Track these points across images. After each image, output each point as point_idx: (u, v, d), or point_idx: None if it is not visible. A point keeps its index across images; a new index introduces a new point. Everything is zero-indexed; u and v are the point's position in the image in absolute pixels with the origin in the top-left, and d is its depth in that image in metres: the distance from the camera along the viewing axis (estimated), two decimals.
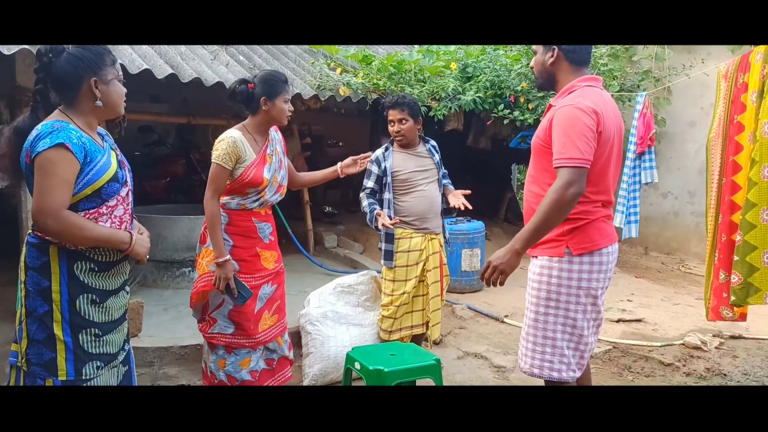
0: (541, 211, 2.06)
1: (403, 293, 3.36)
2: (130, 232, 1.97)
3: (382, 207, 3.32)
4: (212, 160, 2.62)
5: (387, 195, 3.34)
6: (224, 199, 2.69)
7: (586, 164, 2.06)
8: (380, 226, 3.22)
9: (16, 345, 1.93)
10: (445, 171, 3.55)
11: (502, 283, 2.13)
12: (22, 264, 1.92)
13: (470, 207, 3.25)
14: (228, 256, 2.60)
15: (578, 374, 2.28)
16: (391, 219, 3.19)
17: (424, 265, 3.36)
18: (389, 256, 3.36)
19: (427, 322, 3.46)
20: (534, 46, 2.39)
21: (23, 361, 1.89)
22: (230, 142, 2.59)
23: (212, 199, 2.61)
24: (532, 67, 2.44)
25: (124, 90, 1.99)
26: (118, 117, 2.01)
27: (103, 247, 1.92)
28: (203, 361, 2.89)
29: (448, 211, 3.47)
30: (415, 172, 3.34)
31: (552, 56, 2.28)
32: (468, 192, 3.32)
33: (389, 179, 3.32)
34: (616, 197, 4.99)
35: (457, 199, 3.27)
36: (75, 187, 1.83)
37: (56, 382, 1.86)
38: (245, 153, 2.62)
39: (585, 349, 2.28)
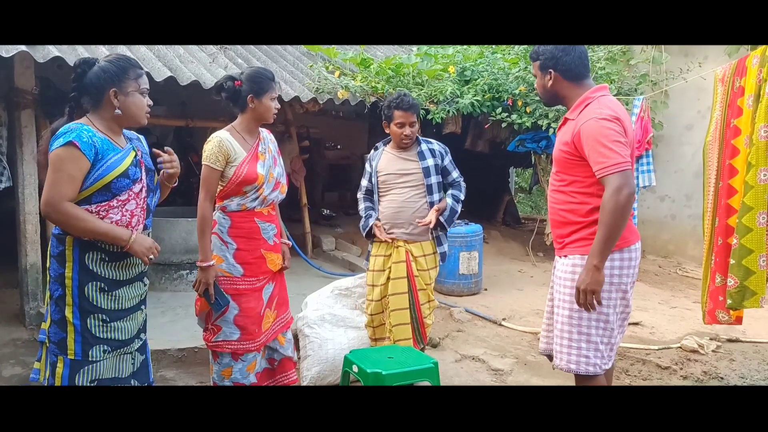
0: (604, 222, 2.16)
1: (372, 300, 3.29)
2: (132, 231, 2.09)
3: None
4: (202, 162, 2.64)
5: (375, 196, 3.32)
6: (224, 202, 2.68)
7: (629, 166, 2.17)
8: (375, 237, 3.23)
9: (45, 324, 2.14)
10: (456, 178, 3.31)
11: (599, 302, 2.22)
12: (48, 252, 2.13)
13: (430, 226, 3.13)
14: (212, 262, 2.60)
15: (609, 366, 2.40)
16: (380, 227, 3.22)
17: (389, 273, 3.22)
18: (368, 257, 3.36)
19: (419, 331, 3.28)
20: (533, 70, 2.49)
21: (47, 338, 2.11)
22: (216, 143, 2.61)
23: (205, 201, 2.62)
24: (536, 87, 2.53)
25: (146, 102, 2.16)
26: (139, 126, 2.18)
27: (102, 240, 2.06)
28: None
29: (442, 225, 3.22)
30: (392, 174, 3.24)
31: (550, 78, 2.39)
32: (438, 208, 3.15)
33: (375, 179, 3.30)
34: None
35: (431, 214, 3.14)
36: (87, 181, 2.01)
37: (66, 360, 2.06)
38: (234, 152, 2.62)
39: (615, 342, 2.40)
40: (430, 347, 3.98)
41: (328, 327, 3.47)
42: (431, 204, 3.20)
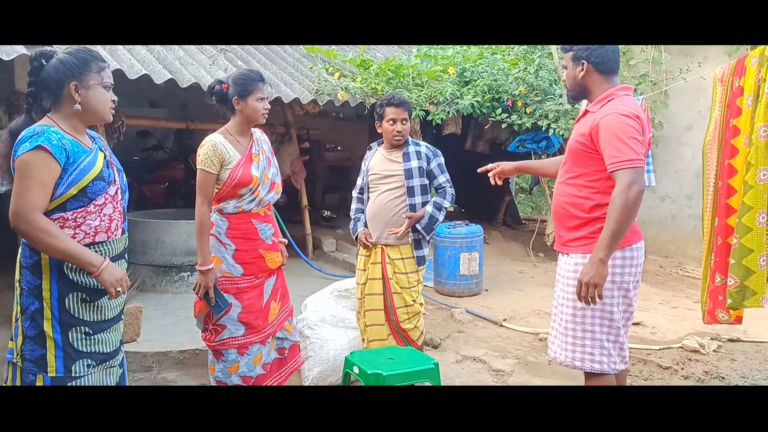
0: (612, 217, 2.15)
1: (357, 298, 3.32)
2: (105, 258, 1.94)
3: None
4: (197, 167, 2.65)
5: (365, 195, 3.34)
6: (221, 204, 2.70)
7: (641, 164, 2.17)
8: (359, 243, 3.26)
9: (13, 342, 1.97)
10: (442, 183, 3.23)
11: (600, 296, 2.20)
12: (17, 263, 1.96)
13: (397, 235, 3.11)
14: (211, 265, 2.62)
15: (621, 366, 2.39)
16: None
17: (368, 273, 3.23)
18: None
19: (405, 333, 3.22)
20: (563, 61, 2.49)
21: (18, 357, 1.93)
22: (210, 146, 2.62)
23: (202, 205, 2.63)
24: (564, 81, 2.53)
25: (109, 97, 2.01)
26: (103, 122, 2.06)
27: (70, 261, 1.89)
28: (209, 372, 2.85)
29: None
30: (377, 175, 3.23)
31: (582, 70, 2.38)
32: (411, 216, 3.10)
33: (366, 179, 3.31)
34: None
35: (404, 225, 3.11)
36: (60, 188, 1.87)
37: (46, 378, 1.90)
38: (228, 155, 2.64)
39: (624, 341, 2.39)
40: (431, 348, 3.99)
41: (329, 328, 3.47)
42: (412, 206, 3.16)
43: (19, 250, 1.97)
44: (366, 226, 3.33)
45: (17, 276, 1.96)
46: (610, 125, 2.21)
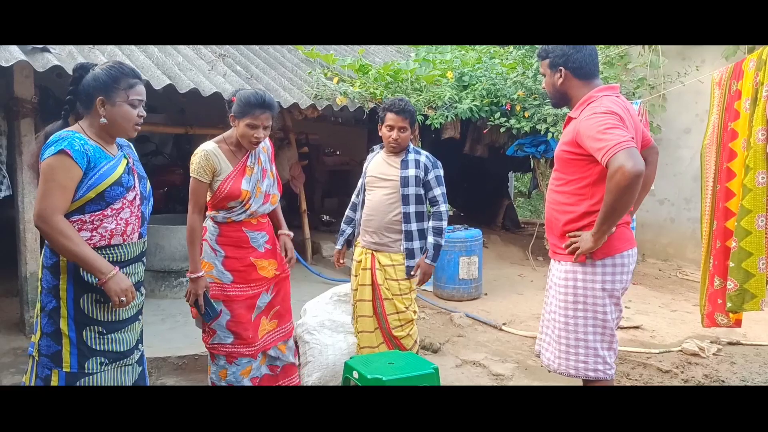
0: (606, 202, 2.14)
1: (351, 304, 3.32)
2: (115, 268, 2.00)
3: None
4: (190, 174, 2.64)
5: (361, 196, 3.32)
6: (211, 212, 2.71)
7: (629, 144, 2.06)
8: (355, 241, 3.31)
9: (34, 336, 2.08)
10: (437, 196, 3.15)
11: (572, 252, 2.28)
12: (40, 263, 2.09)
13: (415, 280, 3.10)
14: (201, 273, 2.62)
15: (614, 371, 2.39)
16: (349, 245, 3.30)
17: (359, 279, 3.23)
18: None
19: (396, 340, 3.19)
20: (541, 69, 2.47)
21: (36, 351, 2.05)
22: (202, 156, 2.61)
23: (193, 213, 2.63)
24: (543, 88, 2.53)
25: (135, 114, 2.07)
26: (126, 137, 2.14)
27: (81, 265, 1.98)
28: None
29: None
30: (374, 177, 3.21)
31: (560, 76, 2.37)
32: (417, 271, 3.11)
33: (363, 180, 3.30)
34: None
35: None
36: (80, 191, 1.96)
37: (61, 372, 2.01)
38: (220, 166, 2.62)
39: (617, 347, 2.40)
40: (431, 352, 3.98)
41: (328, 333, 3.47)
42: (406, 215, 3.11)
43: (42, 251, 2.08)
44: (347, 242, 3.39)
45: (39, 275, 2.07)
46: (586, 127, 2.19)
